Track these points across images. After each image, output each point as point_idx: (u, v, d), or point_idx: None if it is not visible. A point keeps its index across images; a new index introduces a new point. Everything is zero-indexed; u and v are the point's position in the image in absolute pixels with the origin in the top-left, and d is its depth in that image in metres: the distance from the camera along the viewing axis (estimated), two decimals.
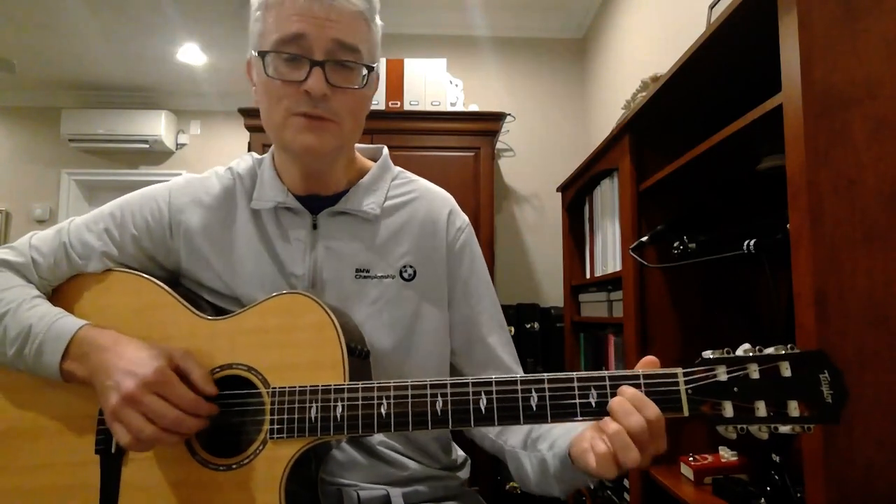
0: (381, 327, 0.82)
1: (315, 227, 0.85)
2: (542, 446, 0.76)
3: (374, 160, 0.95)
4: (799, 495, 1.02)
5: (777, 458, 1.07)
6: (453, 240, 0.91)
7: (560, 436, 0.73)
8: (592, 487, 0.68)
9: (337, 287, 0.83)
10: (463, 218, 0.94)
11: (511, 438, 0.82)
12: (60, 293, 0.83)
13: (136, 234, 0.84)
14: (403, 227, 0.88)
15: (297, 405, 0.69)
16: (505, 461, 0.84)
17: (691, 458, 1.33)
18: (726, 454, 1.34)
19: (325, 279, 0.83)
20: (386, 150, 0.96)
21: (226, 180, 0.89)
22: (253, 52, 0.80)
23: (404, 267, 0.85)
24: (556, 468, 0.71)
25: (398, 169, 0.95)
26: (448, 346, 0.89)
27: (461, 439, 0.96)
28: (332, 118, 0.78)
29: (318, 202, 0.86)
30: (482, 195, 2.56)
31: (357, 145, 0.94)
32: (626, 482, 1.61)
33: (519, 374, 0.71)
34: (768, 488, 1.08)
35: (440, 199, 0.94)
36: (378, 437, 0.82)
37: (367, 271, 0.84)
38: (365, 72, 0.79)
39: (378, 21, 0.84)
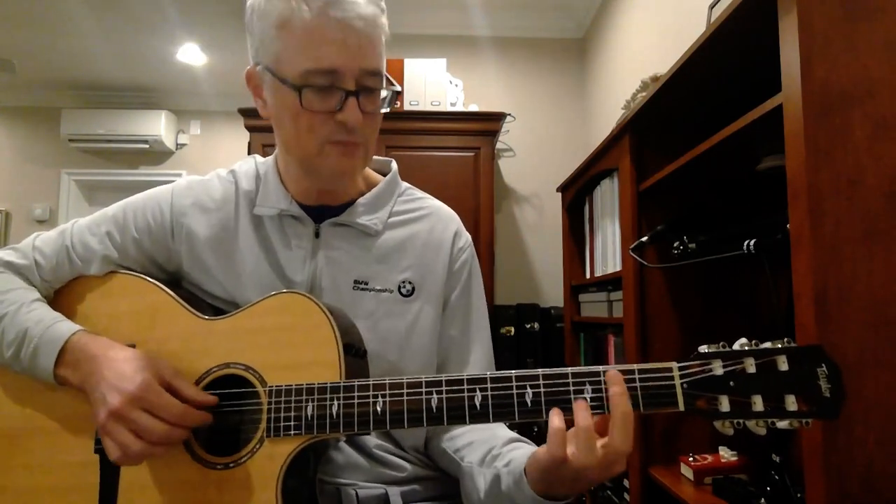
0: (375, 340, 0.82)
1: (317, 235, 0.85)
2: (498, 463, 0.75)
3: (382, 172, 0.95)
4: (799, 495, 1.02)
5: (777, 458, 1.07)
6: (454, 259, 0.91)
7: (518, 456, 0.73)
8: None
9: (335, 296, 0.82)
10: (466, 238, 0.95)
11: (469, 455, 0.81)
12: (62, 295, 0.83)
13: (136, 236, 0.84)
14: (406, 242, 0.88)
15: (293, 403, 0.69)
16: (458, 478, 0.83)
17: (691, 458, 1.33)
18: (726, 454, 1.34)
19: (323, 287, 0.83)
20: (395, 166, 0.95)
21: (228, 184, 0.89)
22: (261, 65, 0.77)
23: (403, 282, 0.86)
24: (509, 484, 0.70)
25: (406, 185, 0.96)
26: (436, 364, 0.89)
27: None
28: (363, 142, 0.79)
29: (322, 211, 0.86)
30: (482, 195, 2.56)
31: None
32: (626, 482, 1.61)
33: None
34: (768, 488, 1.08)
35: (446, 218, 0.94)
36: (374, 440, 0.82)
37: (366, 283, 0.84)
38: (385, 94, 0.80)
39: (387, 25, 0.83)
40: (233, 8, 3.01)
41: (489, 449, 0.79)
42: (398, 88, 0.80)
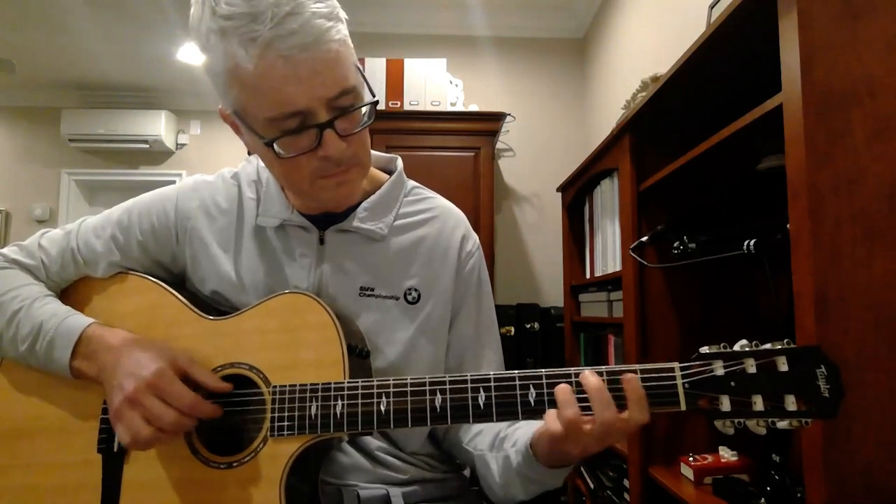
0: (379, 346, 0.82)
1: (322, 242, 0.84)
2: (506, 444, 0.77)
3: (386, 170, 0.93)
4: (799, 495, 1.02)
5: (777, 458, 1.07)
6: (463, 263, 0.90)
7: (522, 434, 0.75)
8: (557, 487, 0.70)
9: (340, 303, 0.82)
10: (475, 240, 0.93)
11: (480, 443, 0.83)
12: (67, 295, 0.84)
13: (141, 238, 0.85)
14: (413, 247, 0.87)
15: (297, 403, 0.69)
16: (474, 468, 0.84)
17: (691, 458, 1.33)
18: (726, 454, 1.34)
19: (329, 294, 0.82)
20: (401, 164, 0.93)
21: (232, 188, 0.88)
22: (228, 110, 0.74)
23: (409, 290, 0.85)
24: (518, 462, 0.72)
25: (412, 184, 0.94)
26: (443, 369, 0.88)
27: None
28: (355, 163, 0.75)
29: (325, 217, 0.85)
30: (482, 195, 2.56)
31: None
32: (626, 482, 1.61)
33: None
34: (768, 488, 1.08)
35: (454, 220, 0.92)
36: (375, 443, 0.82)
37: (372, 290, 0.83)
38: (366, 108, 0.73)
39: (345, 24, 0.72)
40: None
41: (497, 433, 0.81)
42: (375, 99, 0.72)
